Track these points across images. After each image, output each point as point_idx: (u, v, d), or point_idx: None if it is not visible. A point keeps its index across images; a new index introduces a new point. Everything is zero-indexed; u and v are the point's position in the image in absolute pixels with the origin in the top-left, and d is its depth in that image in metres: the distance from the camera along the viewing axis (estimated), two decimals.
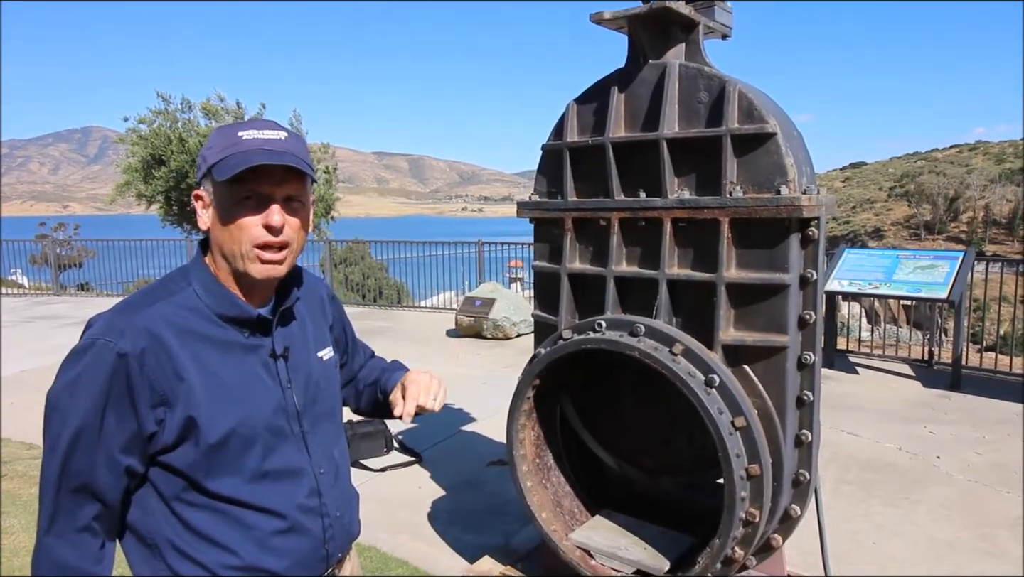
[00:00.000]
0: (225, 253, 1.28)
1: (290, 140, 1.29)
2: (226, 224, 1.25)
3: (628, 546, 2.60)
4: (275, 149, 1.25)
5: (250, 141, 1.25)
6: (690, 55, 2.46)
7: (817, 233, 2.23)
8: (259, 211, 1.25)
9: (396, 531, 3.68)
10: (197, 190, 1.30)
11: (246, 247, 1.26)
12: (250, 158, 1.22)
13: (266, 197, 1.26)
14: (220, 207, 1.26)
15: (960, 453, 4.71)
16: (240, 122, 1.33)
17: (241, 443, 1.27)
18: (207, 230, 1.30)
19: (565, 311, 2.71)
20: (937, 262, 6.61)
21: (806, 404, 2.33)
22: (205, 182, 1.28)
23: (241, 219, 1.25)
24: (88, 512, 1.21)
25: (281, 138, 1.27)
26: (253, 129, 1.27)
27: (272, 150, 1.24)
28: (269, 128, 1.28)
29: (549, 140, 2.74)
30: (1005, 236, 36.01)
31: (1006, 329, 9.34)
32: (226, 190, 1.24)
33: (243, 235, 1.25)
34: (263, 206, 1.26)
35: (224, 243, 1.27)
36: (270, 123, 1.31)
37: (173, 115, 13.22)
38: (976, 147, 50.34)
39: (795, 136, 2.33)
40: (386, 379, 1.72)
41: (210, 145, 1.28)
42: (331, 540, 1.41)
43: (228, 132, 1.28)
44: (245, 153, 1.23)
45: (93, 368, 1.18)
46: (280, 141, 1.26)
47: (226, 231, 1.26)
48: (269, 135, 1.27)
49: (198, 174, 1.30)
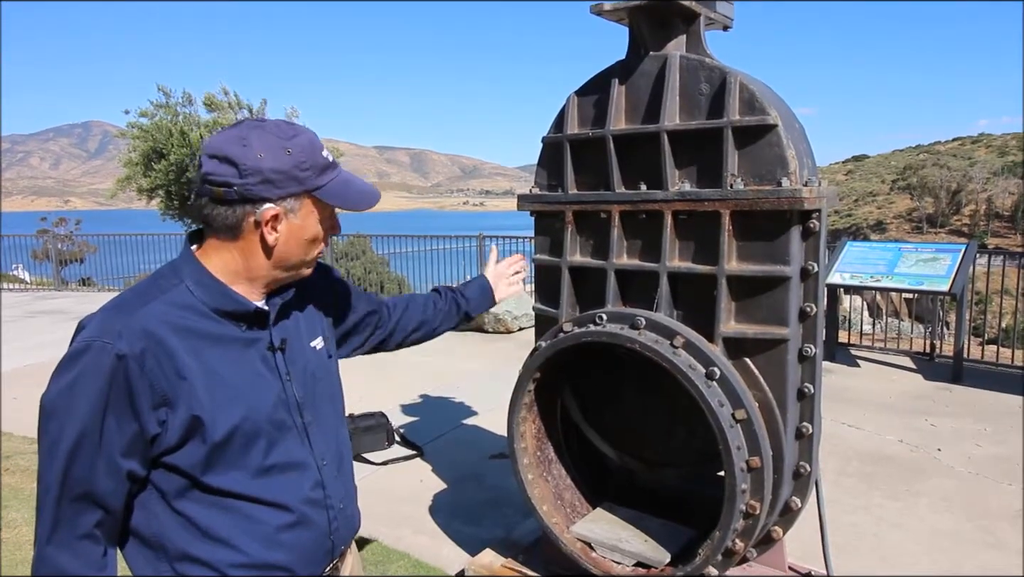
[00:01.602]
0: (290, 263, 1.33)
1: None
2: (311, 241, 1.33)
3: (629, 538, 2.61)
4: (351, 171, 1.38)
5: (337, 162, 1.35)
6: (691, 47, 2.45)
7: (818, 225, 2.23)
8: (328, 226, 1.37)
9: (397, 524, 3.69)
10: (273, 209, 1.24)
11: (315, 255, 1.37)
12: (367, 190, 1.36)
13: (336, 214, 1.39)
14: (309, 225, 1.31)
15: (961, 446, 4.71)
16: (292, 128, 1.29)
17: (245, 438, 1.27)
18: (273, 245, 1.28)
19: (566, 304, 2.70)
20: (939, 255, 6.59)
21: (807, 397, 2.33)
22: (291, 200, 1.26)
23: (323, 235, 1.35)
24: (90, 519, 1.19)
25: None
26: (325, 149, 1.32)
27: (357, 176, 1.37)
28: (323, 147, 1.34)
29: (549, 133, 2.73)
30: (1008, 229, 35.92)
31: (1008, 322, 9.33)
32: (325, 212, 1.33)
33: (319, 248, 1.36)
34: (333, 221, 1.39)
35: (294, 254, 1.32)
36: (304, 129, 1.34)
37: (174, 108, 13.19)
38: (979, 140, 50.18)
39: (796, 128, 2.32)
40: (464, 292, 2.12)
41: (303, 164, 1.26)
42: (336, 532, 1.41)
43: (311, 147, 1.28)
44: (353, 183, 1.35)
45: (91, 371, 1.15)
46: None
47: (306, 246, 1.33)
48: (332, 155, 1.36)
49: (277, 191, 1.24)
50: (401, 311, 1.89)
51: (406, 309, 1.91)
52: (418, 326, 1.94)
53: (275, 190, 1.23)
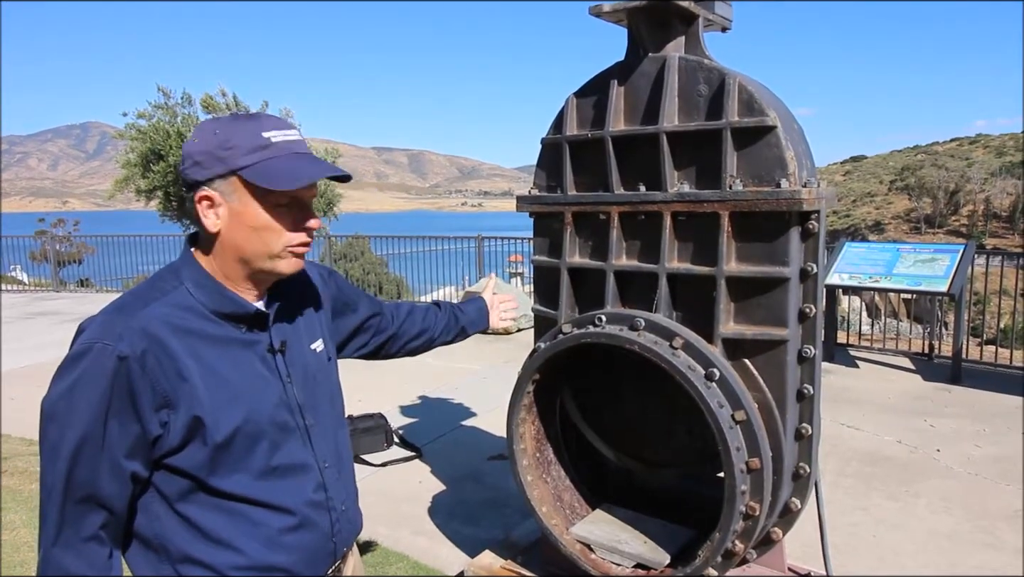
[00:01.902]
0: (247, 254, 1.26)
1: (302, 139, 1.29)
2: (259, 228, 1.24)
3: (628, 540, 2.61)
4: (304, 152, 1.26)
5: (283, 144, 1.24)
6: (690, 48, 2.45)
7: (817, 226, 2.23)
8: (298, 215, 1.27)
9: (397, 525, 3.69)
10: (205, 192, 1.23)
11: (279, 248, 1.26)
12: (301, 169, 1.22)
13: (305, 202, 1.28)
14: (248, 210, 1.23)
15: (960, 446, 4.71)
16: (246, 116, 1.28)
17: (247, 440, 1.26)
18: (217, 232, 1.25)
19: (565, 305, 2.70)
20: (938, 255, 6.60)
21: (806, 397, 2.33)
22: (219, 182, 1.23)
23: (278, 223, 1.25)
24: (95, 521, 1.18)
25: (302, 138, 1.29)
26: (274, 129, 1.25)
27: (306, 154, 1.26)
28: (284, 127, 1.27)
29: (548, 134, 2.73)
30: (1005, 229, 35.95)
31: (1006, 323, 9.34)
32: (263, 195, 1.23)
33: (278, 238, 1.25)
34: (302, 210, 1.27)
35: (248, 244, 1.25)
36: (278, 120, 1.29)
37: (173, 109, 13.19)
38: (977, 140, 50.23)
39: (795, 129, 2.32)
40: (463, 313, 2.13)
41: (228, 144, 1.22)
42: (338, 534, 1.41)
43: (248, 130, 1.23)
44: (288, 159, 1.23)
45: (92, 373, 1.15)
46: (302, 142, 1.28)
47: (255, 234, 1.24)
48: (291, 136, 1.26)
49: (204, 172, 1.23)
50: (404, 316, 1.91)
51: (408, 315, 1.93)
52: (419, 333, 1.95)
53: (202, 171, 1.23)
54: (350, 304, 1.70)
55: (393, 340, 1.88)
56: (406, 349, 1.93)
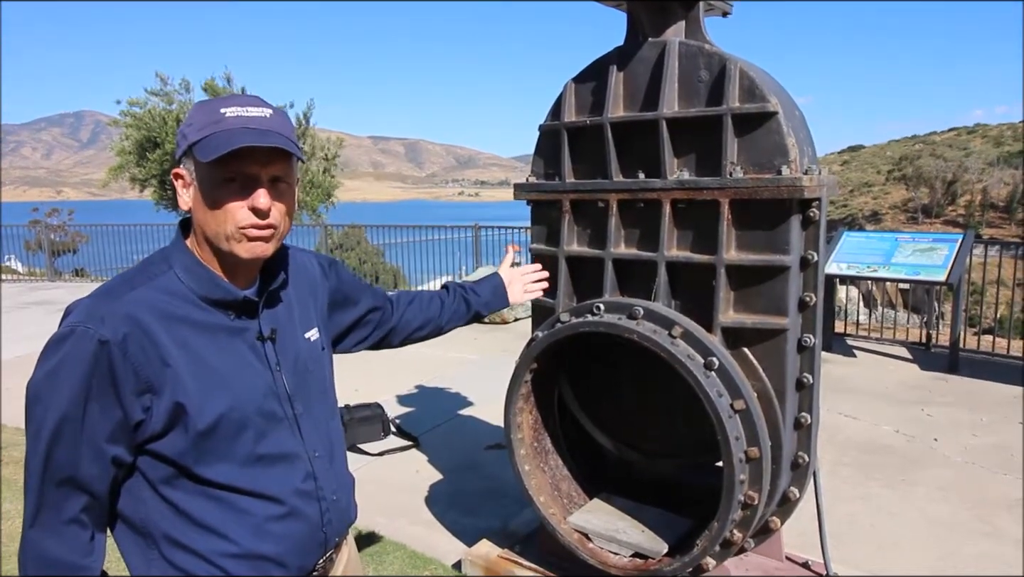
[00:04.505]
0: (208, 235, 1.24)
1: (275, 117, 1.24)
2: (210, 206, 1.22)
3: (626, 529, 2.60)
4: (260, 128, 1.20)
5: (233, 119, 1.20)
6: (690, 33, 2.42)
7: (818, 214, 2.21)
8: (244, 193, 1.22)
9: (394, 515, 3.68)
10: (177, 168, 1.26)
11: (231, 229, 1.22)
12: (234, 138, 1.17)
13: (252, 179, 1.22)
14: (203, 188, 1.22)
15: (957, 435, 4.72)
16: (222, 97, 1.28)
17: (232, 428, 1.25)
18: (189, 210, 1.27)
19: (563, 294, 2.68)
20: (936, 245, 6.60)
21: (806, 387, 2.31)
22: (186, 161, 1.24)
23: (226, 202, 1.21)
24: (75, 504, 1.18)
25: (265, 115, 1.23)
26: (236, 105, 1.22)
27: (257, 129, 1.20)
28: (253, 104, 1.23)
29: (546, 121, 2.70)
30: (1003, 219, 36.00)
31: (1003, 312, 9.35)
32: (209, 170, 1.20)
33: (228, 218, 1.21)
34: (248, 187, 1.22)
35: (207, 224, 1.23)
36: (253, 98, 1.26)
37: (170, 96, 13.09)
38: (974, 130, 50.17)
39: (796, 116, 2.30)
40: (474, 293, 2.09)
41: (190, 121, 1.23)
42: (328, 524, 1.39)
43: (209, 108, 1.22)
44: (228, 132, 1.18)
45: (73, 357, 1.15)
46: (264, 119, 1.22)
47: (210, 213, 1.22)
48: (253, 112, 1.22)
49: (178, 151, 1.26)
50: (405, 307, 1.88)
51: (410, 305, 1.90)
52: (423, 324, 1.92)
53: (177, 150, 1.28)
54: (351, 297, 1.68)
55: (394, 333, 1.85)
56: (410, 340, 1.91)
